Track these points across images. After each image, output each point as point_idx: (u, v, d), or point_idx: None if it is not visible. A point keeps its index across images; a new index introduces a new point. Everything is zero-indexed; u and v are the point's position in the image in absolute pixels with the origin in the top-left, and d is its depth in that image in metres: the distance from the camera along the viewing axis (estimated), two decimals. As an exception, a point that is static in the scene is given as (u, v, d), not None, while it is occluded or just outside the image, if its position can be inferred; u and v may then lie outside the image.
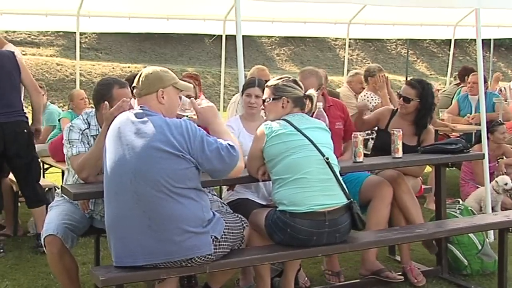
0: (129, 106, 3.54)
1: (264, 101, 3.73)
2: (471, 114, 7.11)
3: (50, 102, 8.12)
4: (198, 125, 3.19)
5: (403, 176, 4.34)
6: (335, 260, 4.28)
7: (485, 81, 6.38)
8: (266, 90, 3.71)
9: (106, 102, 3.52)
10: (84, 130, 3.67)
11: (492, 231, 4.99)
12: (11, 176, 5.27)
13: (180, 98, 3.39)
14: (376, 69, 6.84)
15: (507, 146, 6.84)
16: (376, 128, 5.17)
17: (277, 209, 3.47)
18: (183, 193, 3.04)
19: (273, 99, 3.64)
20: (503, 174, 6.51)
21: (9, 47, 5.40)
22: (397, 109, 4.75)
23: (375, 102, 6.56)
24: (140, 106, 3.19)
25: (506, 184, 5.85)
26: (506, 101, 8.16)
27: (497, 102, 7.30)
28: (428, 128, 4.65)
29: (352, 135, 4.04)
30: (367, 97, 6.65)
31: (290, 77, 3.71)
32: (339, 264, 4.31)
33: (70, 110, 6.84)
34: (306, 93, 3.67)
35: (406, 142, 4.30)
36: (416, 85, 4.59)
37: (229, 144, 3.14)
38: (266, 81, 4.01)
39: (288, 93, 3.62)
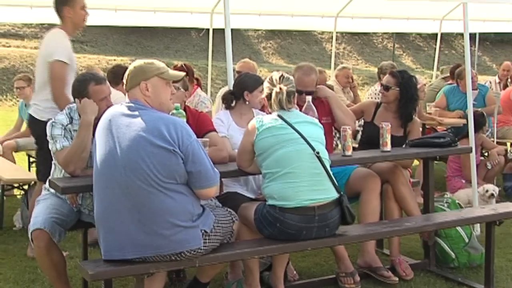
0: (106, 102, 3.57)
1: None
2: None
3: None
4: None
5: (400, 168, 4.35)
6: (347, 260, 4.00)
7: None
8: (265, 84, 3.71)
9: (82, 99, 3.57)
10: (67, 125, 3.65)
11: (479, 224, 5.02)
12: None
13: (178, 88, 3.41)
14: (388, 67, 7.00)
15: (484, 136, 6.91)
16: (362, 122, 5.19)
17: (267, 203, 3.47)
18: (173, 188, 3.03)
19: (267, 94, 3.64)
20: (496, 163, 6.56)
21: None
22: (381, 102, 4.77)
23: None
24: (134, 101, 3.17)
25: (487, 191, 5.79)
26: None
27: (493, 96, 7.35)
28: (414, 119, 4.67)
29: (341, 128, 4.04)
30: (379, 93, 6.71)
31: (281, 73, 3.65)
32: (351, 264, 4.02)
33: None
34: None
35: (393, 133, 4.31)
36: (396, 74, 4.64)
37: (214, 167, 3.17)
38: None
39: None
